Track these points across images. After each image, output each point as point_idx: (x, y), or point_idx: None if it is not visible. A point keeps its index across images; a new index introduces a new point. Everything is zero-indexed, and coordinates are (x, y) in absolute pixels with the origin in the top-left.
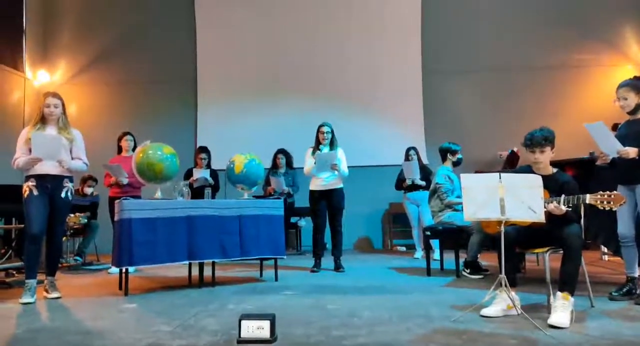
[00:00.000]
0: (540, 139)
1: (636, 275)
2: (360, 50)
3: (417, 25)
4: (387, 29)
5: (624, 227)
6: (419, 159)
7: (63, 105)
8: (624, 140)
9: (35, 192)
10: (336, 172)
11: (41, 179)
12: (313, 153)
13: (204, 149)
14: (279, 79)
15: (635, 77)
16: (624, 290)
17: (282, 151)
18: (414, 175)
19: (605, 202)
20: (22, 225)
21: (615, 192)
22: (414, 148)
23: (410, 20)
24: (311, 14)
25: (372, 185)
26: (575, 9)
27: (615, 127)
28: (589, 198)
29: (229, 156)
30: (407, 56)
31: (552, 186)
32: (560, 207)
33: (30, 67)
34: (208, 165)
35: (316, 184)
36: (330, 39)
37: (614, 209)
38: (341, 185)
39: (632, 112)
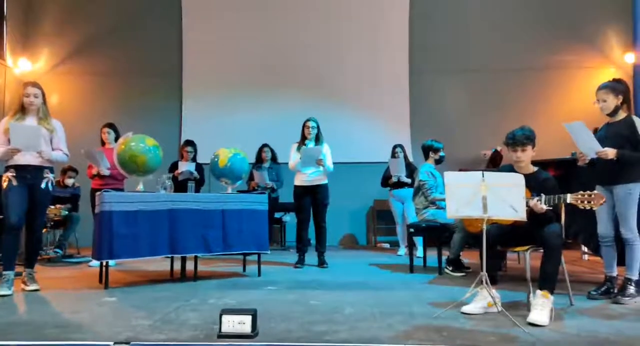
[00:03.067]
0: (522, 138)
1: (615, 274)
2: (347, 48)
3: (405, 25)
4: (375, 28)
5: (603, 227)
6: (405, 157)
7: (43, 95)
8: (603, 141)
9: (14, 183)
10: (321, 168)
11: (21, 170)
12: (298, 148)
13: (190, 142)
14: (265, 73)
15: (614, 80)
16: (603, 289)
17: (267, 145)
18: (400, 172)
19: (585, 202)
20: (1, 216)
21: (595, 191)
22: (400, 145)
23: (398, 20)
24: (299, 9)
25: (357, 181)
26: (560, 11)
27: (596, 132)
28: (569, 197)
29: (214, 150)
30: (395, 55)
31: (533, 184)
32: (541, 205)
33: (11, 55)
34: (194, 159)
35: (301, 180)
36: (318, 35)
37: (594, 209)
38: (326, 181)
39: (611, 114)
